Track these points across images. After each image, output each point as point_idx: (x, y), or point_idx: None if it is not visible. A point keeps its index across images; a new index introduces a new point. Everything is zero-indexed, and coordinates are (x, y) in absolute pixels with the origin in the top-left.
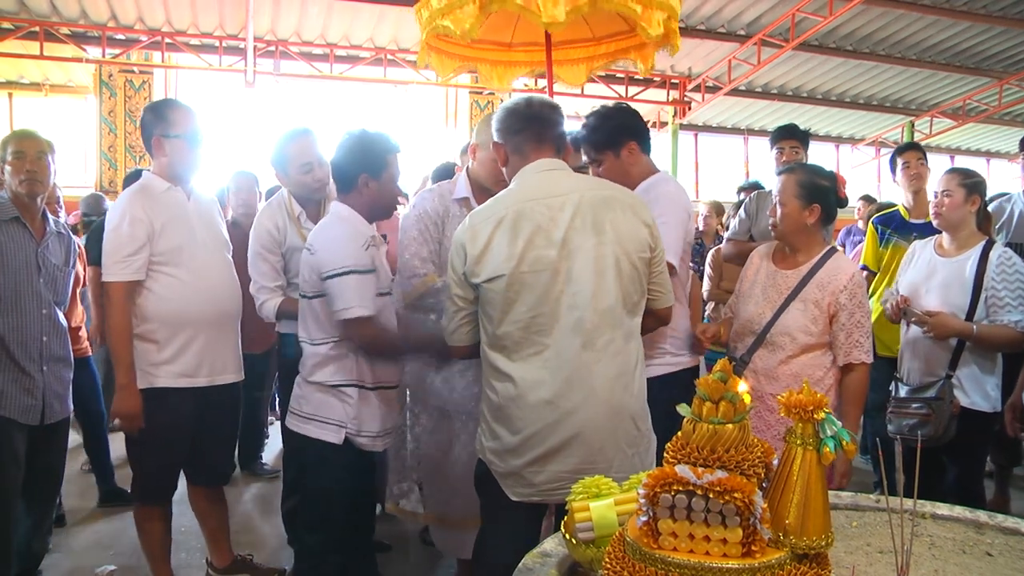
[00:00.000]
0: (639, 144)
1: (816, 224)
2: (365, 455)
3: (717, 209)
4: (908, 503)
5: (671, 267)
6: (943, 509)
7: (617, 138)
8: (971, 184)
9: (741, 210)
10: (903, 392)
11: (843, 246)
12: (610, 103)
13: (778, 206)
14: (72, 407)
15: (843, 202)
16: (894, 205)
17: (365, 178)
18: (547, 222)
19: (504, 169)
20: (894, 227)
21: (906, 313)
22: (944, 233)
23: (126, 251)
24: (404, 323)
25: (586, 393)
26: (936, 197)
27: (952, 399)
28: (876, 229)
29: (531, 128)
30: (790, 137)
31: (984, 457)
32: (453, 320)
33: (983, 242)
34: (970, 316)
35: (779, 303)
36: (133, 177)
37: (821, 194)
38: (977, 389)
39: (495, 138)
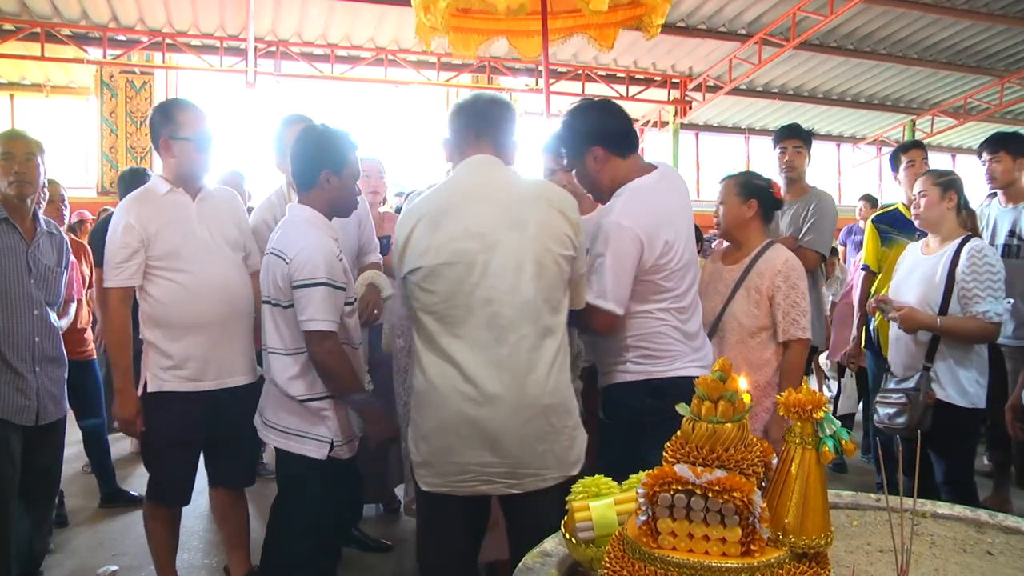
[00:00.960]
0: (607, 148)
1: (755, 218)
2: (345, 460)
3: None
4: (908, 502)
5: (600, 311)
6: (943, 508)
7: (577, 145)
8: (945, 182)
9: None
10: (890, 383)
11: (844, 245)
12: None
13: (720, 207)
14: (68, 408)
15: (779, 203)
16: (891, 205)
17: (327, 174)
18: (468, 216)
19: (450, 165)
20: (897, 226)
21: (882, 310)
22: (929, 234)
23: (119, 258)
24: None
25: (494, 387)
26: (915, 199)
27: (928, 391)
28: (877, 229)
29: (471, 124)
30: (793, 137)
31: (969, 452)
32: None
33: (961, 238)
34: (944, 310)
35: (727, 295)
36: (127, 176)
37: (757, 191)
38: (952, 383)
39: (446, 135)
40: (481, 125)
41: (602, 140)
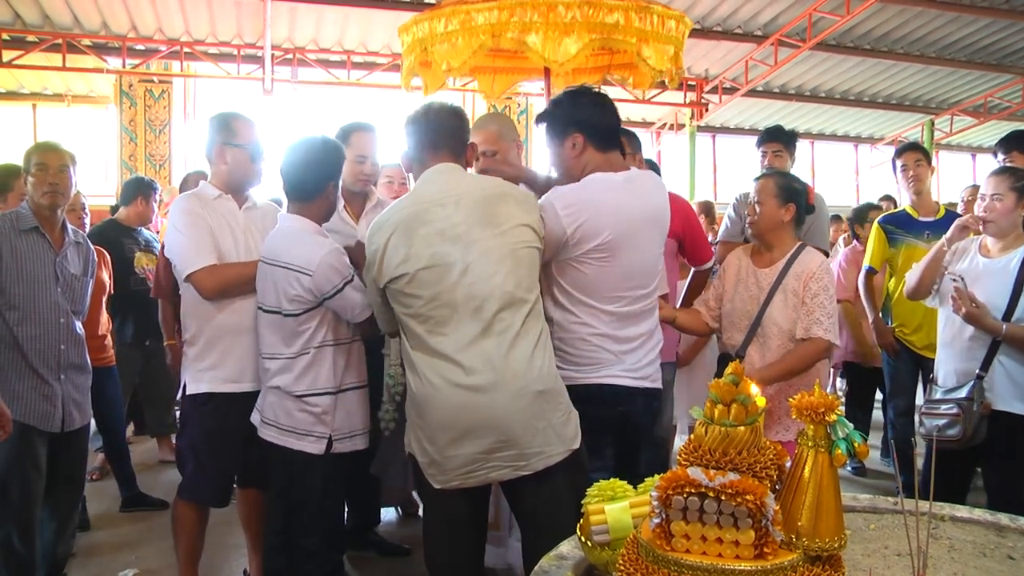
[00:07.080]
0: (588, 137)
1: (791, 223)
2: (346, 455)
3: (706, 208)
4: (925, 505)
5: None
6: (962, 511)
7: (561, 127)
8: (1022, 187)
9: (731, 210)
10: (937, 394)
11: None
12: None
13: (756, 206)
14: (91, 414)
15: (811, 208)
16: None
17: (332, 186)
18: (441, 220)
19: (411, 176)
20: (904, 228)
21: (959, 296)
22: (988, 236)
23: (200, 241)
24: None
25: (488, 375)
26: (984, 200)
27: (982, 400)
28: (884, 230)
29: (427, 136)
30: (772, 140)
31: None
32: (378, 314)
33: None
34: (1008, 317)
35: (762, 298)
36: (131, 184)
37: (796, 195)
38: (1014, 391)
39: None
40: (437, 137)
41: (585, 129)
